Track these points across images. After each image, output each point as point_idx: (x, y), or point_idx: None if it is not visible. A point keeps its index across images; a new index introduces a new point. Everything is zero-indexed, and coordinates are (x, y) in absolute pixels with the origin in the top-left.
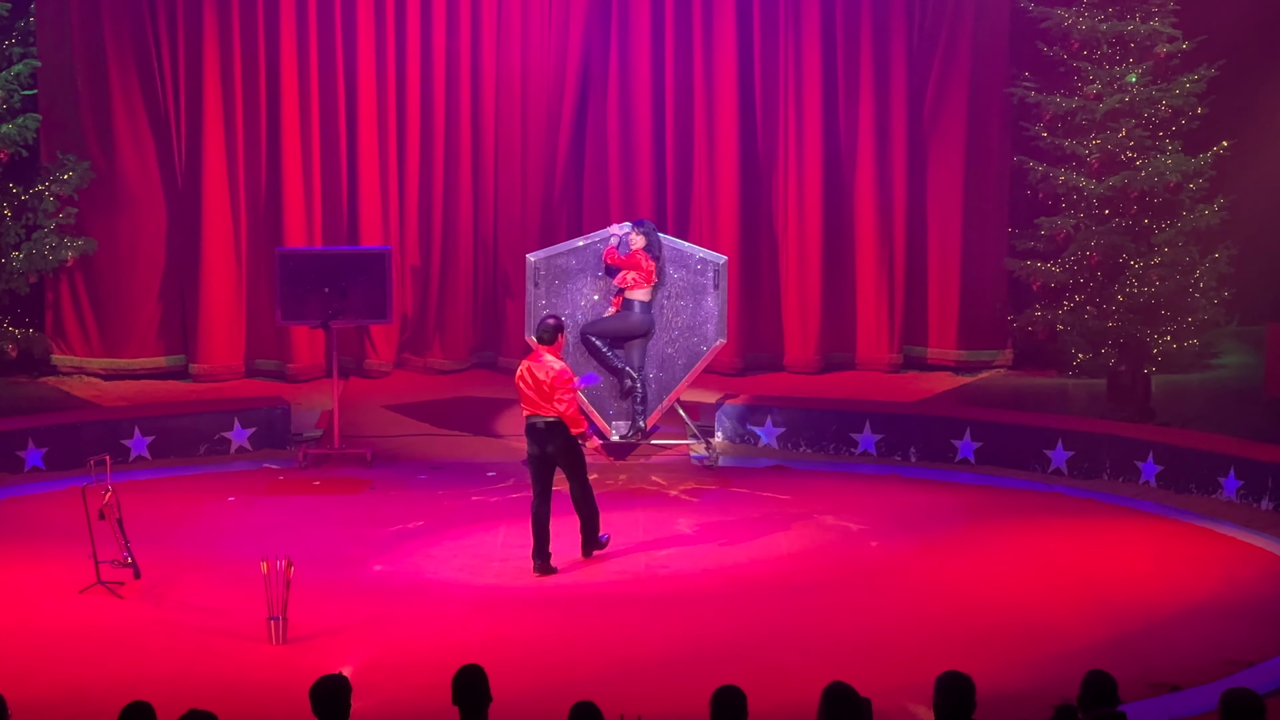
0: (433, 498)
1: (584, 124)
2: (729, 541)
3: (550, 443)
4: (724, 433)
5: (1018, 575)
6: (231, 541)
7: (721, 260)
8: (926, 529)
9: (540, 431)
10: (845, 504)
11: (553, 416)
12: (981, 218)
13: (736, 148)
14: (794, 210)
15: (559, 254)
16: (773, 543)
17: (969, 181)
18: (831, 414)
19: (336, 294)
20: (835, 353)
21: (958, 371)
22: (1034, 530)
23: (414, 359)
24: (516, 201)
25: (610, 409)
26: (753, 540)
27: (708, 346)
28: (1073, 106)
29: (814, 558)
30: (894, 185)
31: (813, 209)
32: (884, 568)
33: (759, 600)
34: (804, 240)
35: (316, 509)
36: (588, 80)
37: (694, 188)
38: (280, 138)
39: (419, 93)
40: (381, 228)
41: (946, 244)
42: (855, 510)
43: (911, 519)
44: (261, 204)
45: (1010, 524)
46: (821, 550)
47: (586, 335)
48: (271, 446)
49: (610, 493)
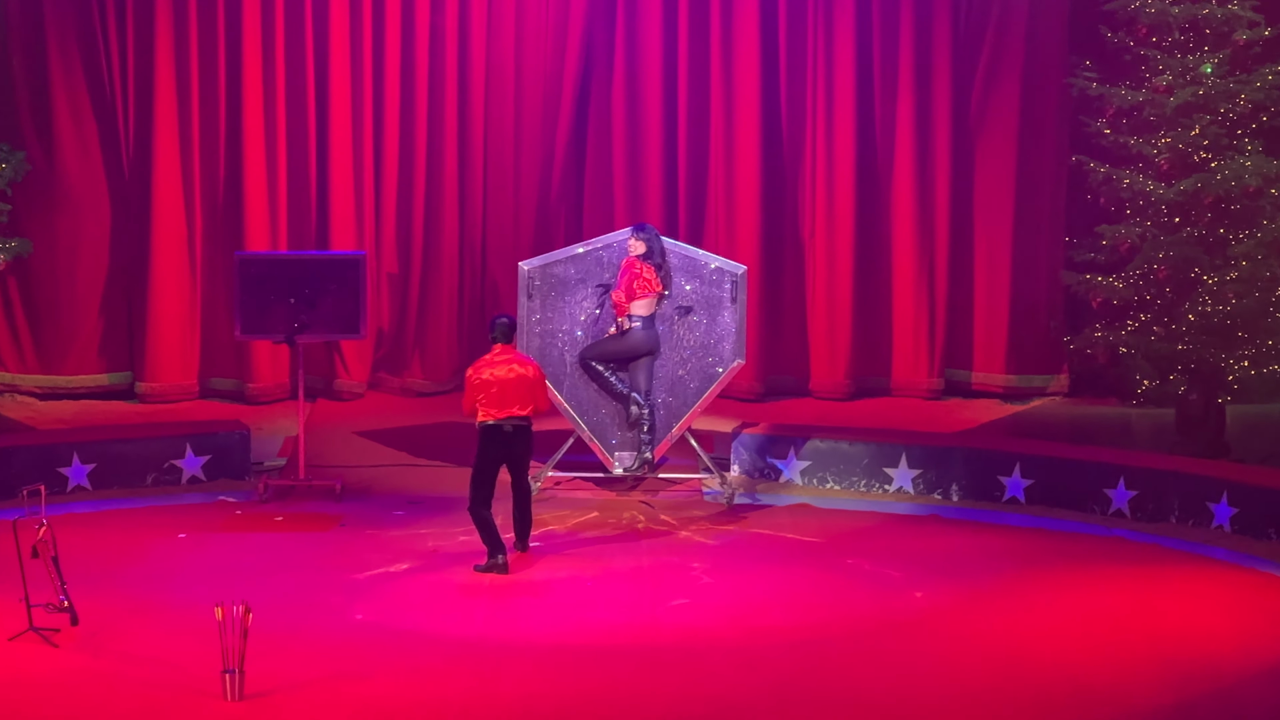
0: (410, 536)
1: (586, 114)
2: (747, 589)
3: (518, 443)
4: (741, 466)
5: (1072, 630)
6: (182, 584)
7: (740, 270)
8: (970, 577)
9: (508, 435)
10: (878, 548)
11: (524, 416)
12: (1035, 226)
13: (758, 143)
14: (823, 215)
15: (556, 262)
16: (796, 591)
17: (1021, 185)
18: (863, 446)
19: (303, 305)
20: (868, 376)
21: (1006, 399)
22: (1091, 579)
23: (390, 379)
24: (509, 202)
25: (613, 438)
26: (774, 588)
27: (724, 368)
28: (1140, 100)
29: (843, 608)
30: (936, 188)
31: (844, 214)
32: (921, 620)
33: (780, 656)
34: (833, 249)
35: (278, 548)
36: (590, 64)
37: (709, 187)
38: (241, 128)
39: (399, 78)
40: (355, 230)
41: (995, 255)
42: (890, 555)
43: (953, 565)
44: (220, 202)
45: (1064, 572)
46: (851, 600)
47: (586, 360)
48: (228, 477)
49: (612, 534)
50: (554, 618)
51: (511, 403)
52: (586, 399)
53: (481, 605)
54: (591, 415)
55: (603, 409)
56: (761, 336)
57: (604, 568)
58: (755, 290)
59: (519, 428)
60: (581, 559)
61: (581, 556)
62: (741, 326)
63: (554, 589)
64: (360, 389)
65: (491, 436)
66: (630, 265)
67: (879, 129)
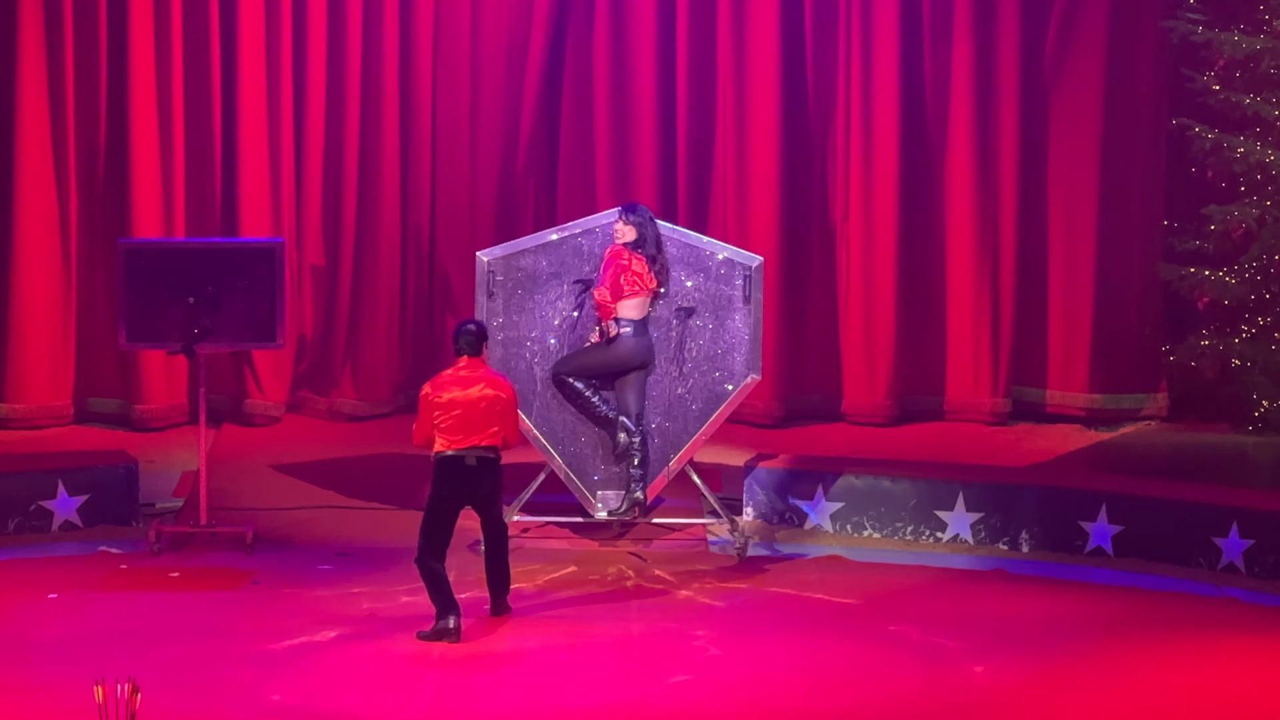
0: (340, 597)
1: (561, 63)
2: (763, 663)
3: (484, 481)
4: (756, 508)
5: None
6: (53, 656)
7: (755, 262)
8: (1042, 649)
9: (471, 470)
10: (928, 612)
11: (490, 447)
12: (1125, 207)
13: (777, 100)
14: (858, 192)
15: (524, 251)
16: (825, 666)
17: (1107, 155)
18: (910, 483)
19: (206, 305)
20: (915, 396)
21: (1090, 424)
22: (1195, 651)
23: (315, 399)
24: (463, 175)
25: (595, 473)
26: (796, 662)
27: (735, 385)
28: (1258, 49)
29: (884, 688)
30: (1000, 160)
31: (884, 190)
32: (982, 703)
33: None
34: (871, 234)
35: (174, 611)
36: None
37: (716, 156)
38: (128, 83)
39: (325, 22)
40: (271, 212)
41: (1075, 243)
42: (943, 621)
43: (1021, 634)
44: (100, 177)
45: (1162, 642)
46: (895, 678)
47: (562, 375)
48: (110, 522)
49: (594, 594)
50: (520, 700)
51: (476, 430)
52: (561, 425)
53: (429, 684)
54: (568, 445)
55: (582, 437)
56: (781, 345)
57: (584, 637)
58: (773, 287)
59: (485, 461)
60: (556, 625)
61: (556, 622)
62: (757, 332)
63: (521, 663)
64: (277, 411)
65: (450, 471)
66: (617, 256)
67: (929, 83)
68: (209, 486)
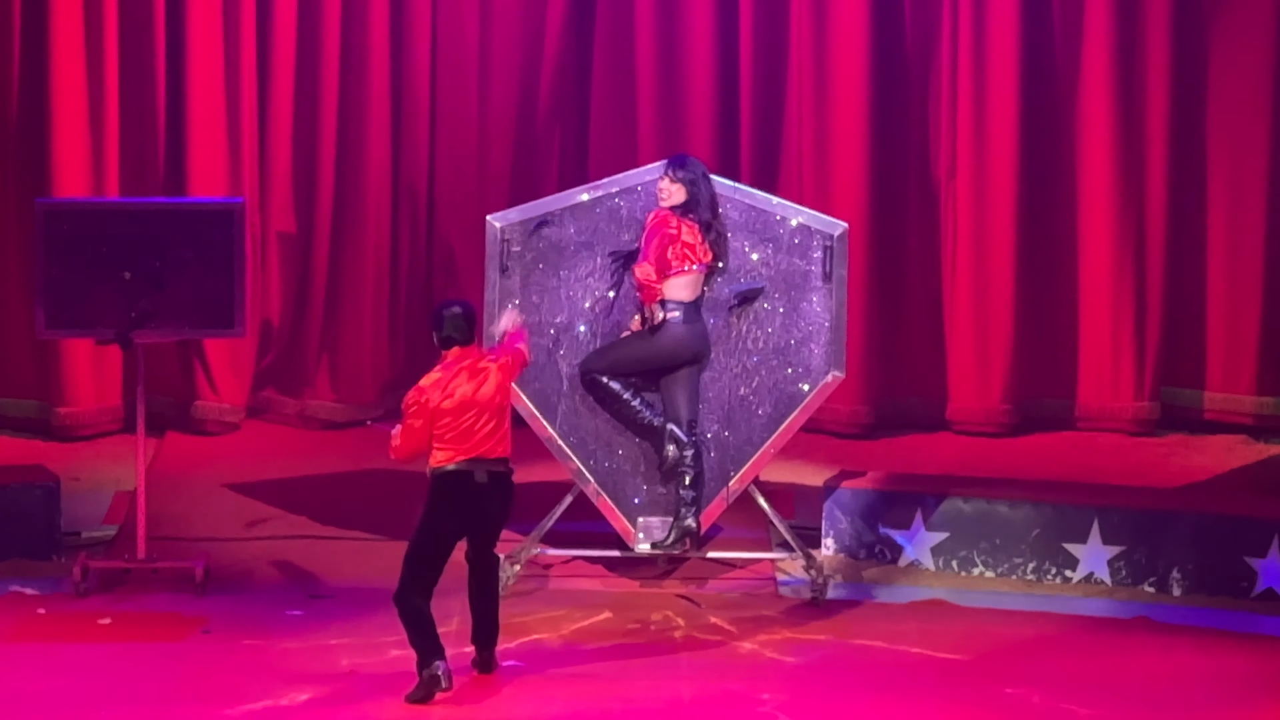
0: (313, 650)
1: None
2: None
3: (495, 502)
4: (839, 540)
5: None
6: None
7: (838, 229)
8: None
9: (481, 489)
10: (1054, 671)
11: (503, 459)
12: None
13: (866, 29)
14: (967, 144)
15: (546, 215)
16: None
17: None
18: (1032, 508)
19: (146, 283)
20: (1039, 400)
21: (1258, 435)
22: None
23: (283, 401)
24: (470, 122)
25: (636, 496)
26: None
27: (811, 385)
28: None
29: None
30: (1145, 115)
31: (1001, 142)
32: None
33: None
34: (983, 198)
35: (106, 668)
36: None
37: (788, 100)
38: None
39: None
40: (228, 165)
41: (1240, 212)
42: (1072, 682)
43: (1172, 697)
44: (13, 120)
45: None
46: None
47: (594, 373)
48: (24, 555)
49: (635, 645)
50: None
51: (487, 436)
52: (593, 434)
53: None
54: (602, 459)
55: (619, 450)
56: (871, 334)
57: (622, 701)
58: (860, 261)
59: (497, 476)
60: (586, 686)
61: (586, 681)
62: (840, 318)
63: None
64: (235, 416)
65: (455, 490)
66: (663, 222)
67: (1057, 23)
68: (149, 510)
